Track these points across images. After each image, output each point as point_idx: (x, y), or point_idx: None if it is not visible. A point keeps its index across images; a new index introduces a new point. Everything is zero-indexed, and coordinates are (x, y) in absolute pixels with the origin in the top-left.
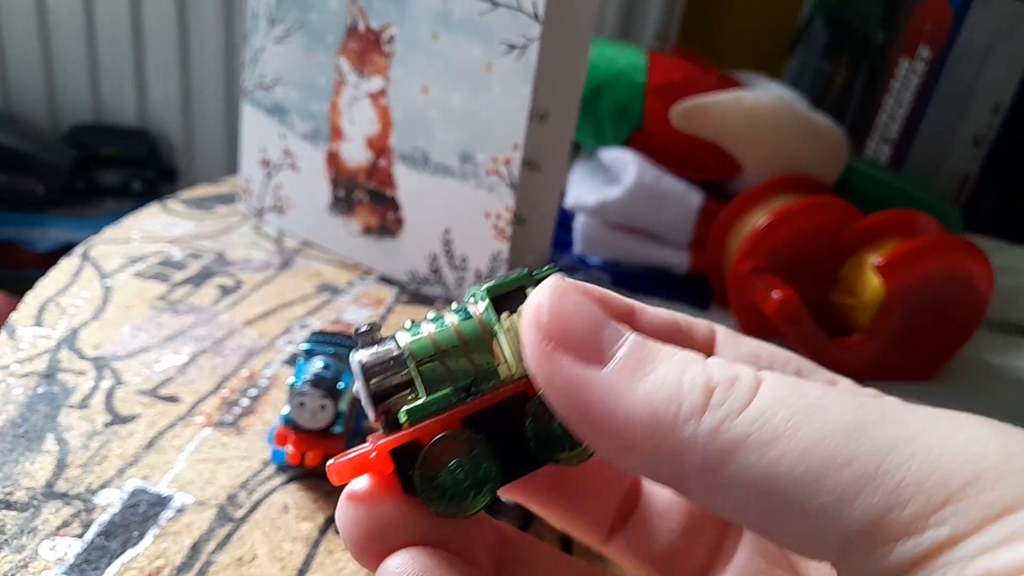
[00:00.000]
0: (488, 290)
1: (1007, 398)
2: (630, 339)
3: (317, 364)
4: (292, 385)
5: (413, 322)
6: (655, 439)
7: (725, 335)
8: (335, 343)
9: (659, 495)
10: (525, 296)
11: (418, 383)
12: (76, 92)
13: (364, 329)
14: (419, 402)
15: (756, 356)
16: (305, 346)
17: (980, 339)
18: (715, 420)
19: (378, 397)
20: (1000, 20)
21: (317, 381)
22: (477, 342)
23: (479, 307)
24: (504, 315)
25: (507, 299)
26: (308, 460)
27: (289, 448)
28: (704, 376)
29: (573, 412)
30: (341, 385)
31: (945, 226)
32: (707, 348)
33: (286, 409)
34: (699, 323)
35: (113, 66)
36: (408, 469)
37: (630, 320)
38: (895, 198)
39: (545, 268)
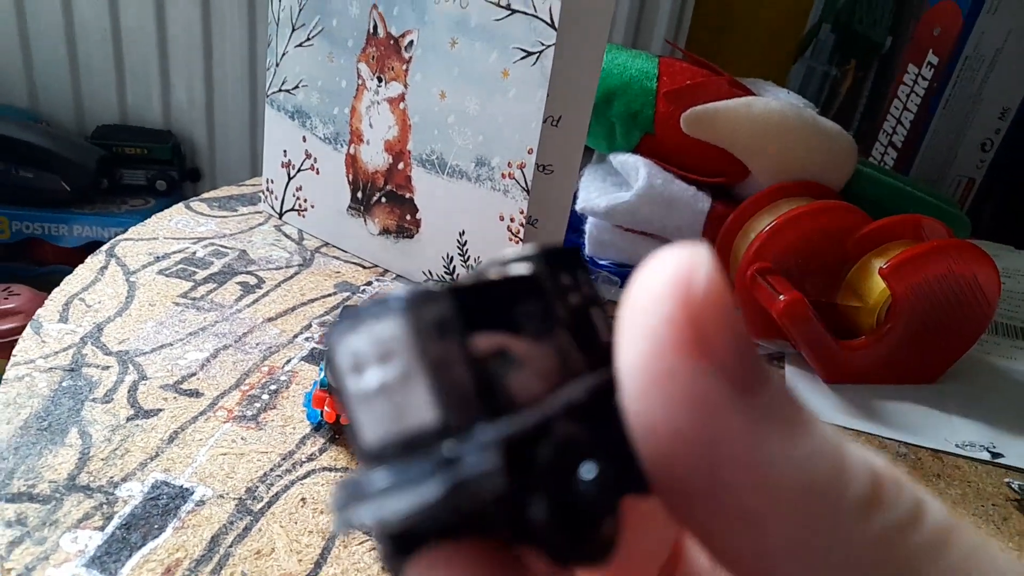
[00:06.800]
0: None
1: (1012, 401)
2: (777, 379)
3: None
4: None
5: None
6: (802, 521)
7: None
8: None
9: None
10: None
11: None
12: (102, 94)
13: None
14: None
15: None
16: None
17: (985, 342)
18: (888, 525)
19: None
20: (1009, 25)
21: None
22: None
23: None
24: None
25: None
26: (343, 419)
27: (325, 409)
28: (869, 462)
29: (684, 445)
30: None
31: (953, 230)
32: None
33: (322, 374)
34: None
35: (138, 69)
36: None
37: None
38: (903, 202)
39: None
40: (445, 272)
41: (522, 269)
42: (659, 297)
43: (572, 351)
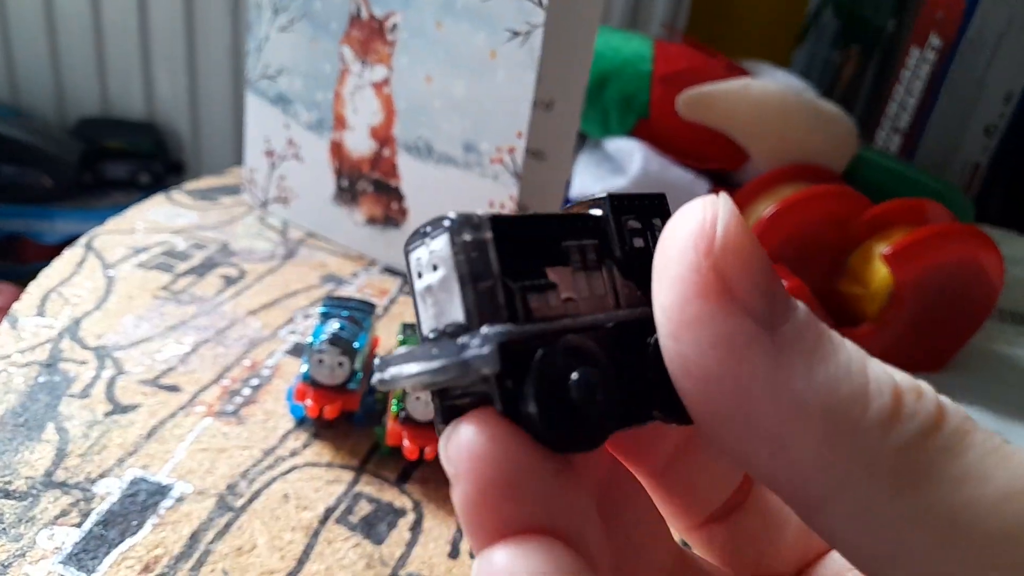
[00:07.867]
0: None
1: (1018, 389)
2: (801, 310)
3: (334, 325)
4: (311, 344)
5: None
6: (826, 441)
7: None
8: (350, 307)
9: (772, 503)
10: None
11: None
12: (83, 86)
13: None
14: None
15: None
16: (322, 309)
17: (990, 329)
18: (908, 435)
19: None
20: (1012, 8)
21: (335, 340)
22: None
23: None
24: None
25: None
26: (326, 413)
27: (308, 402)
28: (890, 377)
29: (713, 383)
30: (357, 344)
31: (956, 215)
32: None
33: (304, 367)
34: None
35: (120, 60)
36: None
37: None
38: (905, 187)
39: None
40: None
41: (589, 209)
42: (684, 247)
43: (616, 286)
